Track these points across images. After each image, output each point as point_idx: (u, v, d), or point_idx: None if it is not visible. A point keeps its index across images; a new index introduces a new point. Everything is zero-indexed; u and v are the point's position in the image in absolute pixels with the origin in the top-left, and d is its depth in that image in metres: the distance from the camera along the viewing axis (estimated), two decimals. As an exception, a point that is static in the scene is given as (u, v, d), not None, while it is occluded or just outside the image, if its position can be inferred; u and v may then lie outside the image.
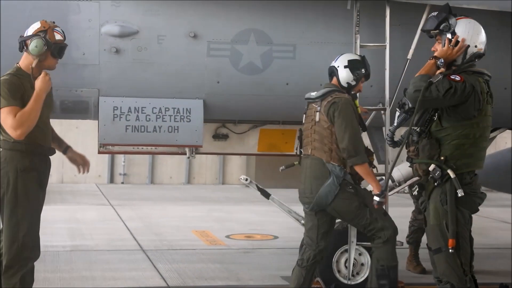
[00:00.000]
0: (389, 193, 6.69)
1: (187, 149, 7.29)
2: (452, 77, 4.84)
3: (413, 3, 6.40)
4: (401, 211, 8.09)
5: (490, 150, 7.94)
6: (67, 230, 10.45)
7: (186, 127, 6.63)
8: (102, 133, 6.53)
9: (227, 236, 10.30)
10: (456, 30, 4.97)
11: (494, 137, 7.58)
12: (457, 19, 5.01)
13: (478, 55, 5.00)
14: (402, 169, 7.31)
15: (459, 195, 4.80)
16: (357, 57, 6.00)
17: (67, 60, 6.11)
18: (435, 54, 4.98)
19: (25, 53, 5.31)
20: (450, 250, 4.79)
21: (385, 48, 6.53)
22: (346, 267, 6.64)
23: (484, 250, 5.39)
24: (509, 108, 6.87)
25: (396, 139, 5.18)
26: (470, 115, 4.85)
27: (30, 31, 5.28)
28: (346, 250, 6.63)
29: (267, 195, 7.27)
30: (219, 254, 8.96)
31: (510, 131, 7.91)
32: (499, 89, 6.50)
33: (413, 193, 5.04)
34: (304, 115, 6.01)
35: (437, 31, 5.01)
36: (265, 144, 7.48)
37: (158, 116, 6.59)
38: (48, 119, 5.45)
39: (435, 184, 4.88)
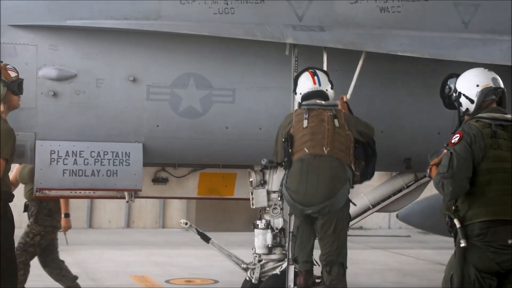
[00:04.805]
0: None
1: (126, 193, 7.22)
2: (452, 141, 4.62)
3: (350, 50, 6.55)
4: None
5: (426, 193, 8.12)
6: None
7: (125, 171, 6.57)
8: (39, 177, 6.42)
9: (167, 281, 10.15)
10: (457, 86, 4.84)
11: (429, 181, 7.73)
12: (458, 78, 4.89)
13: (489, 91, 4.73)
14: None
15: (462, 245, 4.48)
16: None
17: (3, 103, 5.98)
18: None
19: None
20: None
21: (323, 93, 6.63)
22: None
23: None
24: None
25: None
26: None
27: None
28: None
29: (207, 239, 7.24)
30: (158, 300, 8.83)
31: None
32: (433, 133, 6.71)
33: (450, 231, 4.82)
34: (307, 119, 6.04)
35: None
36: (205, 188, 7.45)
37: (96, 160, 6.52)
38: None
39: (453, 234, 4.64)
